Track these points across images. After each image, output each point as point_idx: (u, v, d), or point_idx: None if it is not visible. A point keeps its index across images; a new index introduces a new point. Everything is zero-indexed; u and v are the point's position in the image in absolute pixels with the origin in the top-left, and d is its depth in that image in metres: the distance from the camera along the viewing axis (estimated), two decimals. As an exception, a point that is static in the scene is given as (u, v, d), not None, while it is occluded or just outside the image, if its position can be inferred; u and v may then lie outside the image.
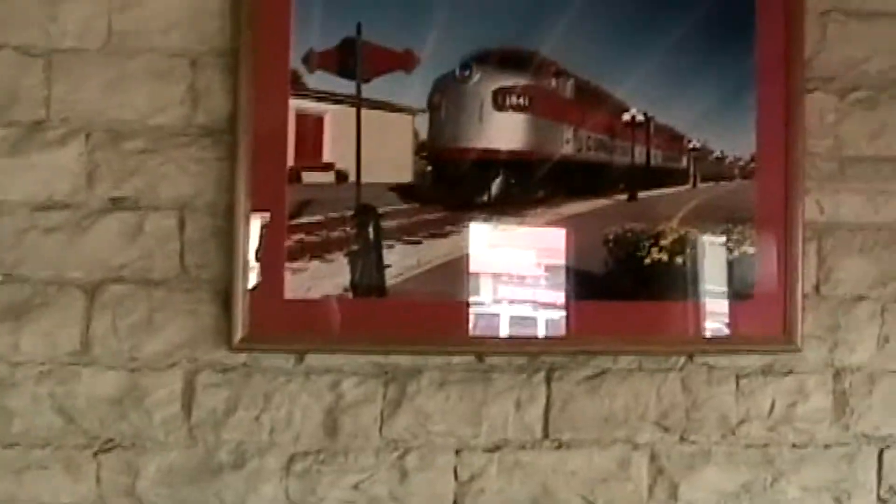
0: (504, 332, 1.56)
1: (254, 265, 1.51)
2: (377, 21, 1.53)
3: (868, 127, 1.66)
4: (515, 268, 1.57)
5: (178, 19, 1.53)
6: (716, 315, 1.60)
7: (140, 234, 1.52)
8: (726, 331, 1.61)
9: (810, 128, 1.63)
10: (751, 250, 1.61)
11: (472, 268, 1.55)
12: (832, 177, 1.65)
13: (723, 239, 1.61)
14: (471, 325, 1.55)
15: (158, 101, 1.52)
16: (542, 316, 1.57)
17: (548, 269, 1.57)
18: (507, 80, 1.58)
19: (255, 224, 1.51)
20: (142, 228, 1.52)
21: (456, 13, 1.55)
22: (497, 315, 1.56)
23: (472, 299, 1.55)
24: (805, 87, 1.62)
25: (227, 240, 1.51)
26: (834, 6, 1.65)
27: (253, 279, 1.51)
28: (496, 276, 1.56)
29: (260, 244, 1.51)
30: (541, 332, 1.57)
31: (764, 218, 1.61)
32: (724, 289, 1.61)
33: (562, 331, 1.57)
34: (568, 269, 1.57)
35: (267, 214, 1.51)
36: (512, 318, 1.56)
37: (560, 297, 1.56)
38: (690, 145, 1.62)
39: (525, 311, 1.57)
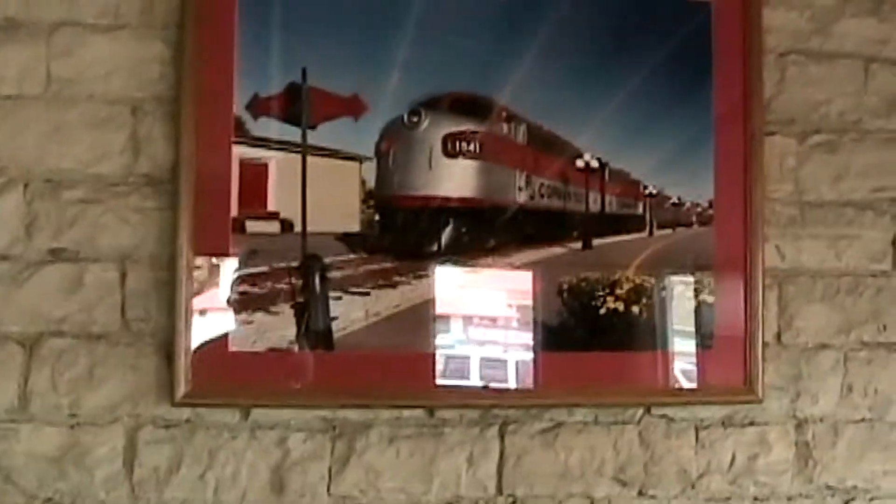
0: (467, 380, 1.52)
1: (227, 309, 1.47)
2: (324, 66, 1.49)
3: (829, 171, 1.63)
4: (475, 313, 1.53)
5: (118, 65, 1.49)
6: (675, 365, 1.57)
7: (80, 287, 1.47)
8: (686, 381, 1.57)
9: (770, 172, 1.60)
10: (710, 298, 1.57)
11: (431, 313, 1.50)
12: (793, 222, 1.62)
13: (681, 287, 1.57)
14: (432, 372, 1.50)
15: (98, 150, 1.49)
16: (499, 367, 1.53)
17: (503, 317, 1.53)
18: (458, 126, 1.54)
19: (231, 265, 1.47)
20: (82, 280, 1.47)
21: (406, 58, 1.51)
22: (459, 363, 1.52)
23: (429, 347, 1.50)
24: (764, 131, 1.59)
25: (170, 292, 1.46)
26: (793, 48, 1.63)
27: (231, 325, 1.46)
28: (455, 323, 1.52)
29: (232, 289, 1.47)
30: (498, 382, 1.52)
31: (723, 265, 1.58)
32: (683, 338, 1.57)
33: (516, 383, 1.52)
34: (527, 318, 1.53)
35: (234, 259, 1.47)
36: (475, 364, 1.52)
37: (520, 346, 1.52)
38: (647, 191, 1.58)
39: (495, 352, 1.53)
